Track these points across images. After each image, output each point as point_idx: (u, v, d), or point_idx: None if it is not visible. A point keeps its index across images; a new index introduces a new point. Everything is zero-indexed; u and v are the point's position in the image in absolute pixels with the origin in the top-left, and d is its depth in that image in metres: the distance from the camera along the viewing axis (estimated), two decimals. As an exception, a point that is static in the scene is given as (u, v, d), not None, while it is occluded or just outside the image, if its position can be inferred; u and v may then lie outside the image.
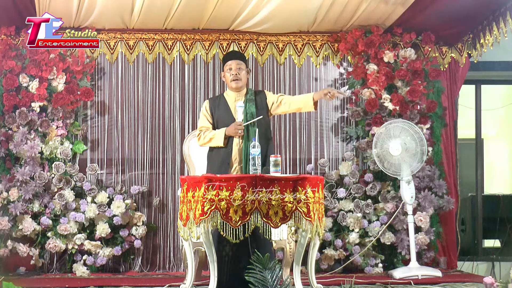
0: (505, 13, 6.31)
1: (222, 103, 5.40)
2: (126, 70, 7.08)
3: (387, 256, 6.83)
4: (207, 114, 5.39)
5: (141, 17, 6.75)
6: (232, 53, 5.69)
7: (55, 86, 6.79)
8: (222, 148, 5.25)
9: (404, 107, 6.96)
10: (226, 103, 5.39)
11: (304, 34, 7.18)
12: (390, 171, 6.50)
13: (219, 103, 5.40)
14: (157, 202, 6.95)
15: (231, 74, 5.34)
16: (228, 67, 5.37)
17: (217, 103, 5.41)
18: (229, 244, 4.98)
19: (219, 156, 5.28)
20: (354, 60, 7.08)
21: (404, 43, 7.07)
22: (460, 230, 7.45)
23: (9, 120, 6.72)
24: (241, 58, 5.43)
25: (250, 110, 5.30)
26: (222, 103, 5.40)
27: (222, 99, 5.42)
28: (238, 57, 5.43)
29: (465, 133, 8.31)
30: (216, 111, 5.38)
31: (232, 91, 5.40)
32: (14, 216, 6.58)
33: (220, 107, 5.38)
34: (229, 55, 5.54)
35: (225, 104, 5.38)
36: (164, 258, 6.95)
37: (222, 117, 5.34)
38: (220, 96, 5.52)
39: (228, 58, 5.43)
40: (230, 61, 5.36)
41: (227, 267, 5.03)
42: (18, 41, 6.85)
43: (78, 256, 6.65)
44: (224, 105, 5.38)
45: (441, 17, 6.67)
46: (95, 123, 7.01)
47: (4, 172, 6.68)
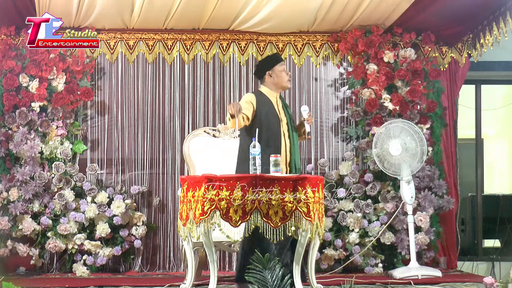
0: (505, 13, 6.31)
1: (266, 99, 5.40)
2: (126, 70, 7.08)
3: (387, 256, 6.83)
4: (250, 104, 5.31)
5: (141, 17, 6.75)
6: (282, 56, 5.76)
7: (55, 86, 6.79)
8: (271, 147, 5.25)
9: (404, 107, 6.96)
10: (269, 100, 5.41)
11: (304, 34, 7.18)
12: (390, 171, 6.50)
13: (264, 98, 5.40)
14: (157, 202, 6.95)
15: (287, 74, 5.45)
16: (283, 66, 5.47)
17: (262, 98, 5.40)
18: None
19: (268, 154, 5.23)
20: (354, 60, 7.08)
21: (404, 43, 7.08)
22: (460, 230, 7.45)
23: (9, 120, 6.72)
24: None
25: (290, 112, 5.51)
26: (266, 99, 5.41)
27: (265, 96, 5.43)
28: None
29: (465, 133, 8.32)
30: (262, 105, 5.35)
31: (274, 91, 5.44)
32: (14, 216, 6.58)
33: (266, 102, 5.38)
34: (280, 56, 5.77)
35: (268, 101, 5.40)
36: (164, 258, 6.95)
37: (267, 112, 5.34)
38: (259, 92, 5.49)
39: (281, 59, 5.59)
40: (283, 62, 5.52)
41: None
42: (18, 41, 6.85)
43: (78, 256, 6.65)
44: (268, 101, 5.40)
45: (441, 17, 6.67)
46: (95, 123, 7.01)
47: (4, 172, 6.68)
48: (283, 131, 5.33)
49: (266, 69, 5.45)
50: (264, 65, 5.50)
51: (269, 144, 5.24)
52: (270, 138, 5.27)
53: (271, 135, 5.28)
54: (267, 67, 5.45)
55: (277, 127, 5.32)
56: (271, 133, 5.28)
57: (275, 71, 5.43)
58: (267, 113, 5.33)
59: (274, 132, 5.30)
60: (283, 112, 5.41)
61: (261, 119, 5.30)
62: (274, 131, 5.30)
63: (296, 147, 5.36)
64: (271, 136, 5.27)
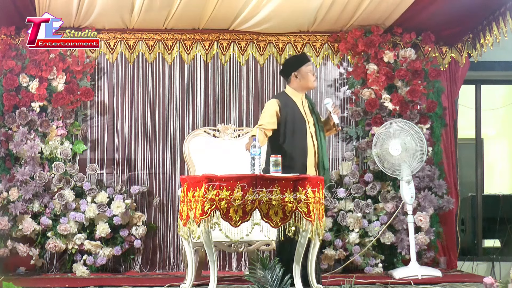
0: (505, 13, 6.32)
1: (290, 102, 5.37)
2: (126, 70, 7.08)
3: (387, 256, 6.83)
4: (275, 115, 5.30)
5: (141, 17, 6.75)
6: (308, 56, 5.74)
7: (55, 86, 6.79)
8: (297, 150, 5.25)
9: (404, 107, 6.96)
10: (294, 102, 5.38)
11: (304, 34, 7.18)
12: (390, 171, 6.50)
13: (288, 102, 5.37)
14: (157, 202, 6.95)
15: (313, 75, 5.43)
16: (309, 67, 5.44)
17: (286, 102, 5.37)
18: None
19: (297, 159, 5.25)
20: (354, 60, 7.08)
21: (404, 43, 7.08)
22: (460, 230, 7.45)
23: (9, 120, 6.72)
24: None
25: (317, 111, 5.47)
26: (290, 101, 5.38)
27: (289, 98, 5.40)
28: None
29: (465, 133, 8.32)
30: (287, 110, 5.33)
31: (299, 92, 5.42)
32: (14, 216, 6.57)
33: (290, 105, 5.35)
34: (307, 57, 5.72)
35: (293, 103, 5.37)
36: (164, 258, 6.95)
37: (292, 116, 5.32)
38: (284, 94, 5.47)
39: (308, 59, 5.55)
40: (310, 63, 5.49)
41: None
42: (18, 41, 6.85)
43: (78, 256, 6.65)
44: (292, 104, 5.37)
45: (441, 17, 6.67)
46: (95, 123, 7.01)
47: (4, 172, 6.68)
48: (310, 133, 5.31)
49: (292, 70, 5.42)
50: (290, 65, 5.48)
51: (295, 147, 5.24)
52: (295, 141, 5.26)
53: (297, 138, 5.27)
54: (293, 68, 5.43)
55: (303, 129, 5.30)
56: (296, 136, 5.27)
57: (301, 72, 5.40)
58: (292, 116, 5.31)
59: (300, 134, 5.28)
60: (310, 113, 5.38)
61: (287, 122, 5.30)
62: (300, 134, 5.28)
63: (323, 148, 5.33)
64: (296, 139, 5.26)
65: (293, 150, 5.22)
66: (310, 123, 5.35)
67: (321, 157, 5.31)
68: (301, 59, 5.53)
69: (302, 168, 5.19)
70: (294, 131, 5.28)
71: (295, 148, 5.24)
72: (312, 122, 5.35)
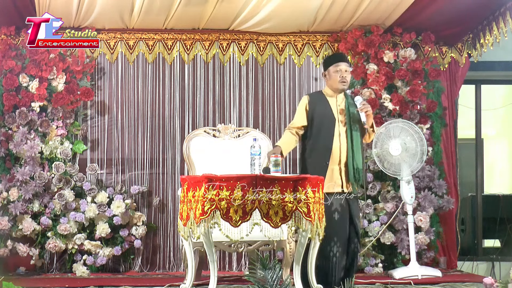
0: (505, 13, 6.32)
1: (323, 100, 5.38)
2: (126, 70, 7.08)
3: (387, 256, 6.83)
4: (304, 111, 5.36)
5: (141, 17, 6.75)
6: (342, 56, 5.67)
7: (55, 86, 6.79)
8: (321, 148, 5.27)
9: (404, 107, 6.96)
10: (326, 101, 5.38)
11: (304, 34, 7.18)
12: (390, 171, 6.50)
13: (319, 100, 5.39)
14: (157, 202, 6.95)
15: (340, 76, 5.36)
16: (338, 67, 5.37)
17: (318, 99, 5.39)
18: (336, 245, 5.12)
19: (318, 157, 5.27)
20: (354, 60, 7.08)
21: (404, 43, 7.08)
22: (460, 230, 7.45)
23: (9, 120, 6.72)
24: (349, 63, 5.50)
25: (353, 111, 5.32)
26: (323, 100, 5.39)
27: (323, 97, 5.41)
28: (347, 61, 5.48)
29: (465, 133, 8.32)
30: (316, 106, 5.34)
31: (334, 92, 5.40)
32: (14, 216, 6.57)
33: (321, 103, 5.36)
34: (339, 56, 5.60)
35: (325, 102, 5.37)
36: (164, 258, 6.95)
37: (321, 113, 5.33)
38: (319, 93, 5.50)
39: (339, 59, 5.44)
40: (341, 63, 5.39)
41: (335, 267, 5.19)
42: (18, 41, 6.85)
43: (78, 256, 6.65)
44: (324, 102, 5.37)
45: (441, 17, 6.67)
46: (95, 123, 7.01)
47: (4, 172, 6.68)
48: (339, 132, 5.28)
49: (323, 69, 5.46)
50: (323, 64, 5.50)
51: (319, 145, 5.26)
52: (320, 139, 5.27)
53: (322, 136, 5.27)
54: (324, 67, 5.46)
55: (331, 128, 5.28)
56: (322, 134, 5.27)
57: (329, 72, 5.39)
58: (321, 114, 5.31)
59: (325, 133, 5.27)
60: (344, 112, 5.33)
61: (314, 120, 5.32)
62: (326, 132, 5.27)
63: (355, 147, 5.26)
64: (321, 137, 5.27)
65: (316, 147, 5.25)
66: (341, 122, 5.32)
67: (349, 156, 5.26)
68: (330, 59, 5.51)
69: (323, 166, 5.21)
70: (320, 129, 5.29)
71: (319, 145, 5.26)
72: (344, 122, 5.32)
